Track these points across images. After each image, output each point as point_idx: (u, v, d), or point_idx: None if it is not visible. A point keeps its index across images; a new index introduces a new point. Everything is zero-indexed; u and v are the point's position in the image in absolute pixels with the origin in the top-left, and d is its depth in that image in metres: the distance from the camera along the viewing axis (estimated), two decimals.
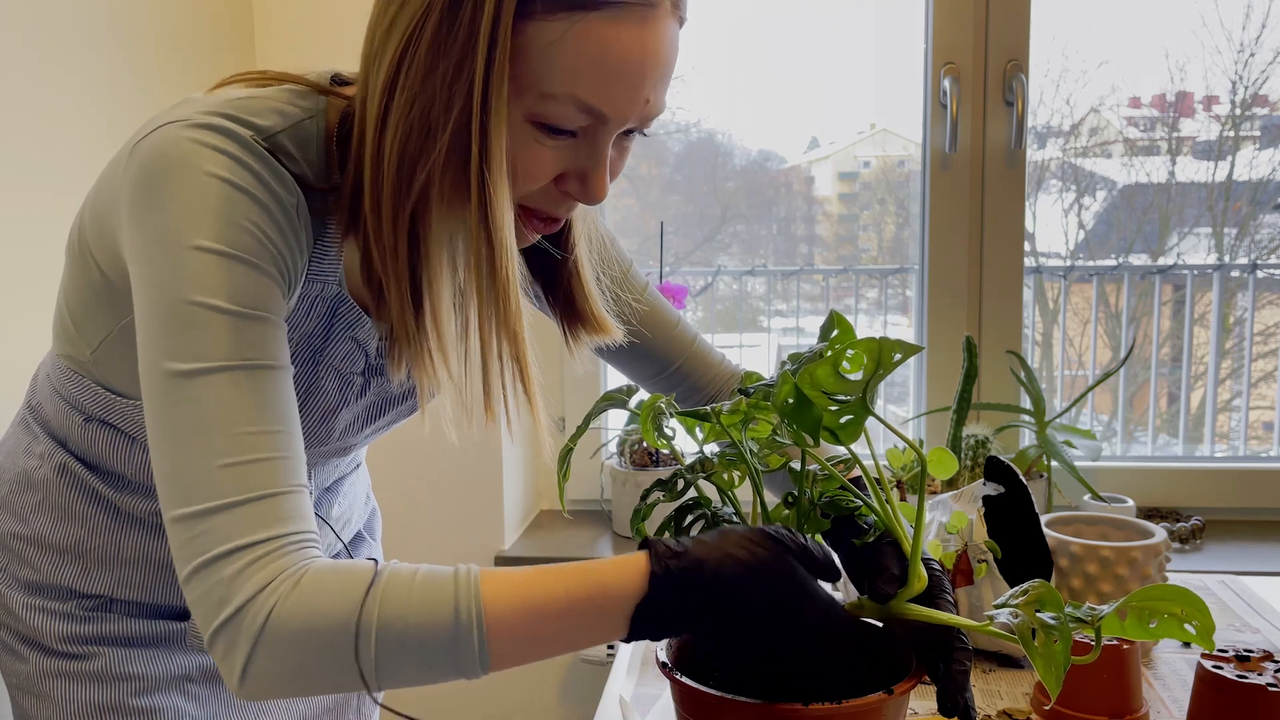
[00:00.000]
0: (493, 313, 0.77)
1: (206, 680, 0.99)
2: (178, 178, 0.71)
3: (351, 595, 0.67)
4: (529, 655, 0.70)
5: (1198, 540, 1.85)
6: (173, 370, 0.70)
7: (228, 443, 0.69)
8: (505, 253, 0.75)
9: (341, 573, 0.69)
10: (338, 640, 0.66)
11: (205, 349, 0.70)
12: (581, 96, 0.72)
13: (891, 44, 2.04)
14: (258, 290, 0.72)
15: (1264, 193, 2.11)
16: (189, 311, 0.70)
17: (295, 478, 0.71)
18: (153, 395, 0.71)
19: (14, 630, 0.95)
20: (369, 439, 0.99)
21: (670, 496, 0.79)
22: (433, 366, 0.79)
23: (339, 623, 0.66)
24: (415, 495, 1.91)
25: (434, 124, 0.72)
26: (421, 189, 0.74)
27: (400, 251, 0.76)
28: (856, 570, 0.78)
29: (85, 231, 0.83)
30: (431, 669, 0.68)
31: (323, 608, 0.67)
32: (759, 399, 0.75)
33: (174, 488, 0.69)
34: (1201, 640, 0.65)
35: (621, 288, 0.99)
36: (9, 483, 0.96)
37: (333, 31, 1.83)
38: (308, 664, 0.67)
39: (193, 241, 0.70)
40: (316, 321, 0.84)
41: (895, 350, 0.66)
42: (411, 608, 0.67)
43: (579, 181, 0.78)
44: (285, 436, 0.72)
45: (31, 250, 1.33)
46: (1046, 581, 0.68)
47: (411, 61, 0.72)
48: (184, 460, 0.69)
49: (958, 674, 0.72)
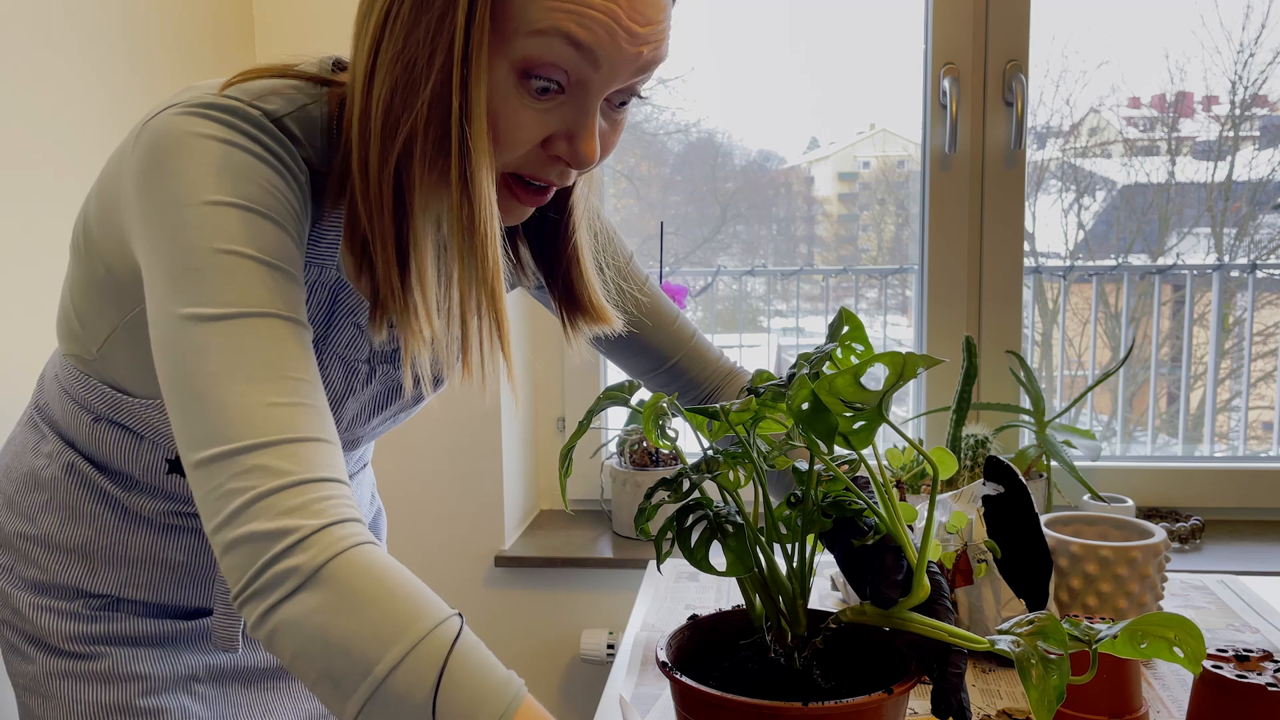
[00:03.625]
0: (472, 269, 0.76)
1: (214, 680, 0.99)
2: (184, 149, 0.71)
3: (398, 645, 0.63)
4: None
5: (1197, 540, 1.85)
6: (203, 315, 0.68)
7: (277, 385, 0.67)
8: (484, 207, 0.74)
9: (404, 599, 0.65)
10: (354, 665, 0.63)
11: (239, 294, 0.68)
12: (568, 28, 0.70)
13: (891, 44, 2.04)
14: (280, 243, 0.72)
15: (1263, 193, 2.11)
16: (218, 259, 0.69)
17: (334, 434, 0.70)
18: (178, 345, 0.68)
19: (20, 630, 0.95)
20: (376, 431, 0.99)
21: (675, 497, 0.78)
22: (417, 323, 0.78)
23: (364, 657, 0.63)
24: (416, 495, 1.92)
25: (416, 79, 0.72)
26: (404, 144, 0.74)
27: (385, 207, 0.76)
28: (856, 572, 0.78)
29: (90, 225, 0.83)
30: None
31: (364, 629, 0.63)
32: (769, 398, 0.75)
33: (213, 427, 0.66)
34: (1188, 664, 0.66)
35: (625, 279, 0.99)
36: (16, 482, 0.96)
37: (333, 32, 1.83)
38: (331, 637, 0.64)
39: (206, 197, 0.70)
40: (317, 308, 0.84)
41: (919, 365, 0.66)
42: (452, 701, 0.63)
43: (566, 142, 0.77)
44: (318, 389, 0.71)
45: (36, 250, 1.33)
46: (1054, 615, 0.68)
47: (396, 18, 0.72)
48: (228, 401, 0.66)
49: (952, 676, 0.72)
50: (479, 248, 0.75)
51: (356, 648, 0.63)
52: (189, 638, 0.97)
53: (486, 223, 0.75)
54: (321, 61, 0.83)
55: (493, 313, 0.77)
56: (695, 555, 0.78)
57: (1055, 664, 0.65)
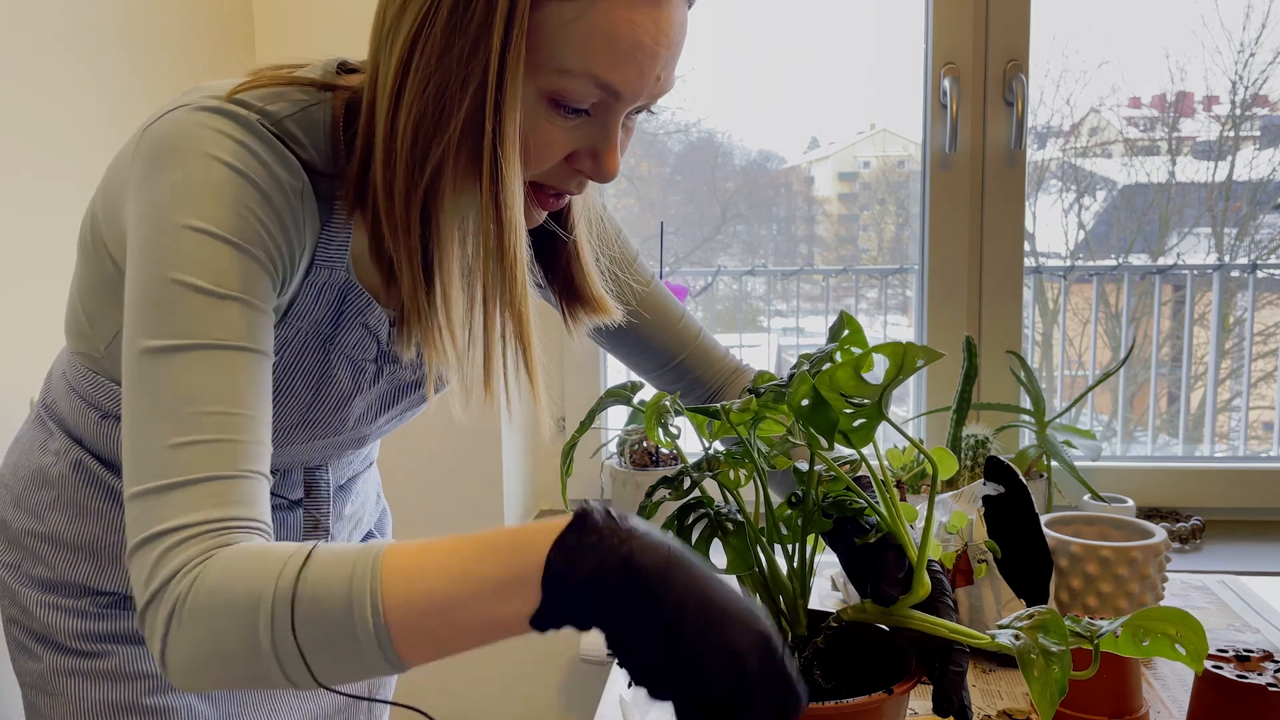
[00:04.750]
0: (498, 291, 0.77)
1: None
2: (179, 158, 0.72)
3: (269, 570, 0.63)
4: (438, 635, 0.62)
5: (1198, 540, 1.85)
6: (145, 347, 0.69)
7: (183, 422, 0.68)
8: (514, 232, 0.75)
9: (268, 550, 0.65)
10: (239, 624, 0.62)
11: (177, 327, 0.69)
12: (597, 72, 0.73)
13: (891, 44, 2.04)
14: (243, 274, 0.72)
15: (1264, 193, 2.11)
16: (169, 290, 0.70)
17: (250, 463, 0.69)
18: (127, 373, 0.70)
19: (28, 628, 0.95)
20: (383, 430, 0.99)
21: (676, 495, 0.78)
22: (442, 343, 0.79)
23: (249, 595, 0.62)
24: (415, 494, 1.92)
25: (449, 102, 0.73)
26: (435, 167, 0.75)
27: (413, 229, 0.76)
28: (858, 571, 0.78)
29: (97, 223, 0.83)
30: (329, 654, 0.62)
31: (236, 581, 0.63)
32: (770, 399, 0.75)
33: (130, 465, 0.68)
34: (1191, 661, 0.66)
35: (622, 269, 1.00)
36: (24, 480, 0.96)
37: (333, 32, 1.83)
38: (214, 648, 0.63)
39: (183, 220, 0.71)
40: (326, 309, 0.84)
41: (919, 356, 0.66)
42: (319, 584, 0.62)
43: (591, 159, 0.79)
44: (246, 420, 0.70)
45: (41, 248, 1.33)
46: (1054, 609, 0.68)
47: (427, 40, 0.72)
48: (141, 437, 0.68)
49: (954, 675, 0.72)
50: (508, 270, 0.76)
51: (242, 596, 0.63)
52: None
53: (516, 247, 0.76)
54: (326, 65, 0.83)
55: (519, 337, 0.79)
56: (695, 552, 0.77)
57: (1057, 657, 0.65)
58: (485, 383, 0.80)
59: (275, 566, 0.63)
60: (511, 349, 0.79)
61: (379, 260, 0.81)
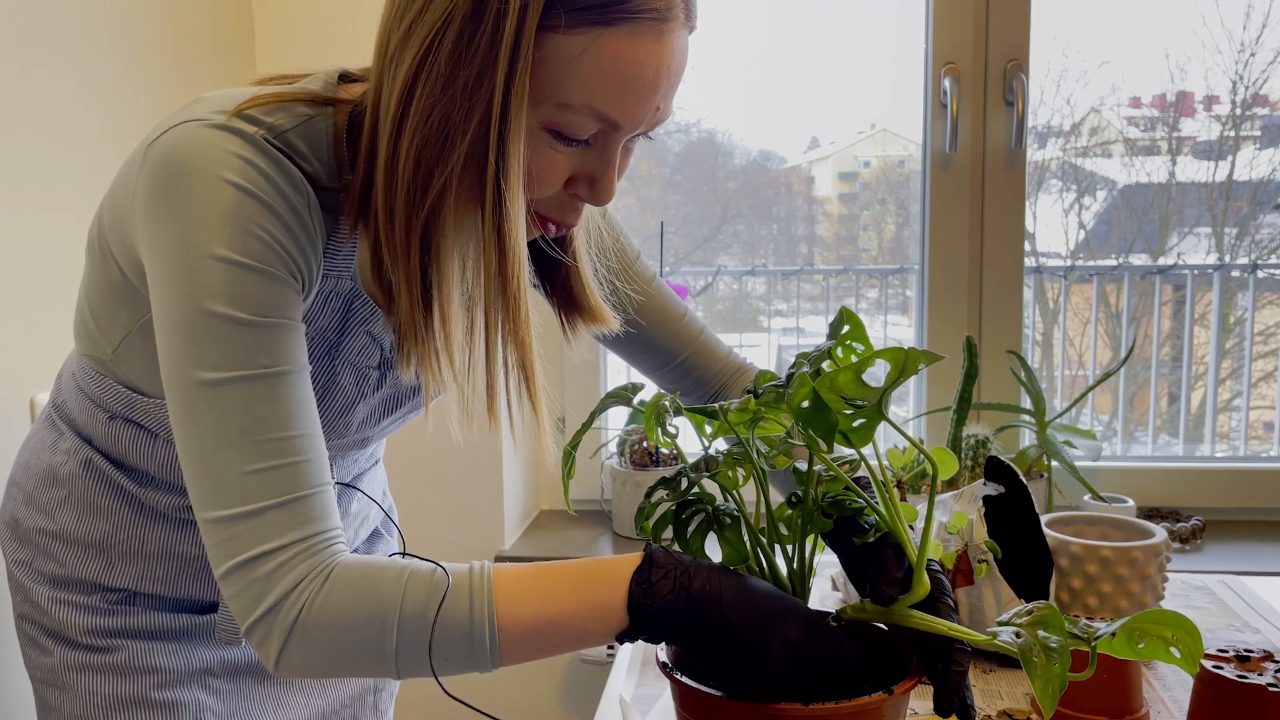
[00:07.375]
0: (500, 319, 0.78)
1: (228, 674, 1.00)
2: (191, 183, 0.72)
3: (377, 596, 0.72)
4: (537, 648, 0.74)
5: (1198, 540, 1.85)
6: (194, 379, 0.73)
7: (252, 451, 0.72)
8: (517, 261, 0.75)
9: (367, 572, 0.73)
10: (365, 635, 0.72)
11: (222, 358, 0.72)
12: (598, 107, 0.73)
13: (891, 44, 2.04)
14: (271, 296, 0.74)
15: (1264, 193, 2.11)
16: (205, 321, 0.72)
17: (318, 478, 0.75)
18: (177, 401, 0.74)
19: (38, 623, 0.96)
20: (386, 432, 1.00)
21: (675, 495, 0.79)
22: (439, 367, 0.80)
23: (366, 621, 0.72)
24: (416, 495, 1.92)
25: (452, 132, 0.73)
26: (437, 195, 0.75)
27: (413, 255, 0.77)
28: (857, 570, 0.78)
29: (104, 230, 0.84)
30: (447, 661, 0.73)
31: (350, 606, 0.72)
32: (769, 399, 0.75)
33: (205, 492, 0.73)
34: (1185, 665, 0.66)
35: (621, 278, 1.00)
36: (35, 478, 0.97)
37: (333, 32, 1.83)
38: (338, 654, 0.73)
39: (207, 250, 0.72)
40: (331, 317, 0.85)
41: (921, 360, 0.66)
42: (430, 607, 0.72)
43: (588, 185, 0.79)
44: (305, 439, 0.75)
45: (41, 249, 1.33)
46: (1052, 605, 0.69)
47: (431, 69, 0.72)
48: (213, 467, 0.73)
49: (955, 675, 0.72)
50: (510, 299, 0.77)
51: (369, 613, 0.73)
52: (203, 632, 0.98)
53: (519, 276, 0.76)
54: (328, 75, 0.83)
55: (522, 367, 0.80)
56: (691, 546, 0.78)
57: (1058, 652, 0.65)
58: (489, 409, 0.81)
59: (394, 588, 0.73)
60: (514, 375, 0.80)
61: (379, 279, 0.82)
